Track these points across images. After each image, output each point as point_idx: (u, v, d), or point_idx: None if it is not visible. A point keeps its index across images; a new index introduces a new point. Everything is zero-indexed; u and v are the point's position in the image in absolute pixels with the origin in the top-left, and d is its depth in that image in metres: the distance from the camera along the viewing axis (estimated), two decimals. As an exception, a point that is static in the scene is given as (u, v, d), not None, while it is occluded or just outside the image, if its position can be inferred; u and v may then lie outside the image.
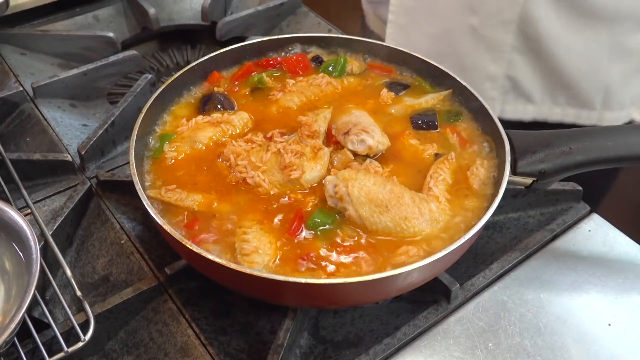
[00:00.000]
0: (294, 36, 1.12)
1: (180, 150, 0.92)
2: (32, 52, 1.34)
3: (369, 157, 0.90)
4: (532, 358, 0.82)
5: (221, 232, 0.82)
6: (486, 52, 1.24)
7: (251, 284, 0.76)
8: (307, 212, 0.83)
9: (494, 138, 0.93)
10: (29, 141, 1.13)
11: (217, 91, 1.03)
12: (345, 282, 0.71)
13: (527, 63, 1.23)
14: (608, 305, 0.88)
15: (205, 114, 0.98)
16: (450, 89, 1.02)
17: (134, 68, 1.29)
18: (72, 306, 0.86)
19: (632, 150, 0.86)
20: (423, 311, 0.86)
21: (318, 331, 0.85)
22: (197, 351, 0.81)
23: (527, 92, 1.28)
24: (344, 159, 0.89)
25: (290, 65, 1.08)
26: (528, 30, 1.18)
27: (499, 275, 0.91)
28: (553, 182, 0.89)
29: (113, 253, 0.94)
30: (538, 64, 1.23)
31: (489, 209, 0.79)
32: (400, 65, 1.09)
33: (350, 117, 0.94)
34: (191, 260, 0.82)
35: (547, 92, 1.27)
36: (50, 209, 0.99)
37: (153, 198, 0.85)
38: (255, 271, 0.72)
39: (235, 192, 0.86)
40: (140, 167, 0.88)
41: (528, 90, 1.27)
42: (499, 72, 1.25)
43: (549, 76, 1.24)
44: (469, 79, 1.20)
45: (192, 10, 1.47)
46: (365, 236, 0.81)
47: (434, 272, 0.82)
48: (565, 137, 0.88)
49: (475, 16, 1.20)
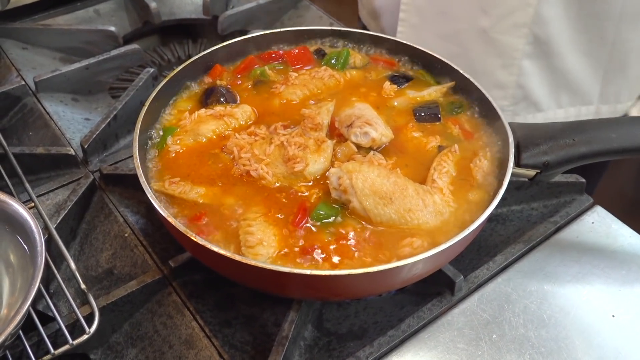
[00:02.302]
0: (297, 29, 1.11)
1: (183, 143, 0.92)
2: (34, 46, 1.34)
3: (372, 150, 0.90)
4: (536, 349, 0.82)
5: (225, 225, 0.82)
6: (496, 57, 1.22)
7: (256, 276, 0.76)
8: (311, 204, 0.83)
9: (497, 130, 0.92)
10: (31, 135, 1.13)
11: (220, 84, 1.03)
12: (349, 274, 0.71)
13: (537, 69, 1.22)
14: (612, 297, 0.88)
15: (208, 107, 0.98)
16: (453, 82, 1.02)
17: (135, 62, 1.29)
18: (77, 299, 0.86)
19: (636, 142, 0.85)
20: (427, 303, 0.86)
21: (322, 323, 0.85)
22: (201, 343, 0.81)
23: (536, 101, 1.27)
24: (347, 152, 0.89)
25: (293, 58, 1.08)
26: (540, 32, 1.17)
27: (502, 267, 0.91)
28: (557, 174, 0.89)
29: (117, 246, 0.94)
30: (547, 68, 1.22)
31: (492, 200, 0.79)
32: (402, 58, 1.09)
33: (353, 110, 0.94)
34: (195, 252, 0.82)
35: (552, 96, 1.27)
36: (53, 203, 0.99)
37: (157, 191, 0.85)
38: (260, 263, 0.72)
39: (239, 184, 0.86)
40: (143, 161, 0.88)
41: (537, 98, 1.27)
42: (510, 80, 1.23)
43: (555, 79, 1.24)
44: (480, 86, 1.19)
45: (193, 4, 1.47)
46: (369, 228, 0.81)
47: (438, 263, 0.82)
48: (569, 129, 0.88)
49: (486, 18, 1.18)
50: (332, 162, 0.88)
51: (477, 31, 1.20)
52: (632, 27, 1.18)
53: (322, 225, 0.81)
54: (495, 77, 1.24)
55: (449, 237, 0.77)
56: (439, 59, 1.03)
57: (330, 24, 1.41)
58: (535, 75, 1.23)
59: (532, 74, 1.23)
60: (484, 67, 1.24)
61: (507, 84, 1.24)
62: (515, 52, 1.20)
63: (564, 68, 1.22)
